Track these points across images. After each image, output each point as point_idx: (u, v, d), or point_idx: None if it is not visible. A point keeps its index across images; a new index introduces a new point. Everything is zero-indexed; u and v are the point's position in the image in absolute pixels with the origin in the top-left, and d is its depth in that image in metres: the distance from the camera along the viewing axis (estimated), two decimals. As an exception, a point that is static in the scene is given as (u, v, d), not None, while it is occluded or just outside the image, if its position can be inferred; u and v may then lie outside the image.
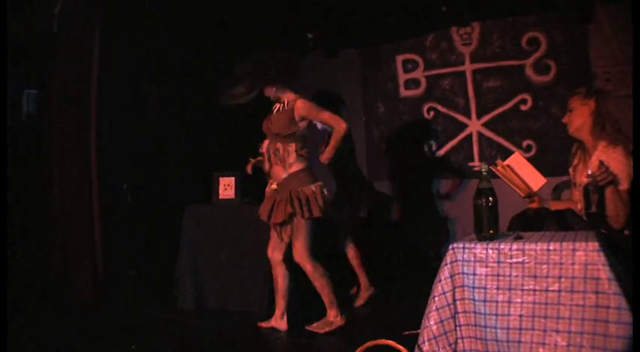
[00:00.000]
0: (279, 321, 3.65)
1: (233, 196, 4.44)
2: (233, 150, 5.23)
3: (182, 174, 5.27)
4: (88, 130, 4.40)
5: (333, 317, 3.57)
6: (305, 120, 3.56)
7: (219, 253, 4.24)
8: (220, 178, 4.49)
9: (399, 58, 6.12)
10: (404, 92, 6.12)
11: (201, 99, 5.55)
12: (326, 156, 3.53)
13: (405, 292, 4.66)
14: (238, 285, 4.13)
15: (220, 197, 4.45)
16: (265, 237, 3.97)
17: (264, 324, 3.70)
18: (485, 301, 2.28)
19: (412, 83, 6.06)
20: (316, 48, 6.29)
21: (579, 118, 2.99)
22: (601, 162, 2.67)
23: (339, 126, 3.48)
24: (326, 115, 3.53)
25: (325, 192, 3.57)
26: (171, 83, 5.27)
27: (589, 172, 2.71)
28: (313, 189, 3.49)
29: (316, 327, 3.54)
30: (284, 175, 3.53)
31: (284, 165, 3.51)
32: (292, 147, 3.52)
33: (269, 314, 3.82)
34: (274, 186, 3.59)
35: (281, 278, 3.66)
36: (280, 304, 3.66)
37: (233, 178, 4.48)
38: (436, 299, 2.35)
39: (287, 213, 3.45)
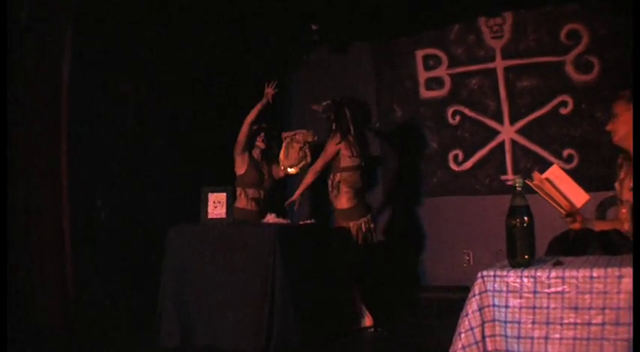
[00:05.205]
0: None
1: (224, 215, 4.45)
2: (225, 161, 5.28)
3: (166, 189, 5.30)
4: (58, 136, 4.43)
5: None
6: None
7: (209, 281, 4.25)
8: (210, 194, 4.49)
9: (419, 54, 6.16)
10: (425, 93, 6.16)
11: (187, 102, 5.58)
12: None
13: (420, 326, 4.70)
14: (231, 318, 4.14)
15: (209, 216, 4.46)
16: (261, 261, 4.01)
17: None
18: (519, 337, 2.30)
19: (434, 82, 6.10)
20: (322, 42, 6.33)
21: (625, 125, 2.99)
22: None
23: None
24: None
25: None
26: (153, 84, 5.30)
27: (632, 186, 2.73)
28: None
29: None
30: None
31: None
32: None
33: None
34: None
35: None
36: None
37: (224, 194, 4.49)
38: (462, 335, 2.37)
39: None
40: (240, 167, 5.12)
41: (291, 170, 4.91)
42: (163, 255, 4.37)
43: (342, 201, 4.77)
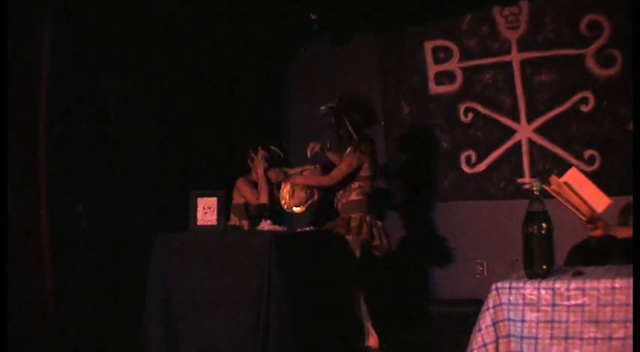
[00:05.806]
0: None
1: (215, 222, 4.45)
2: (216, 163, 5.28)
3: (151, 194, 5.31)
4: (35, 136, 4.45)
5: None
6: None
7: (198, 291, 4.25)
8: (199, 199, 4.50)
9: (428, 45, 6.17)
10: (434, 88, 6.17)
11: (178, 101, 5.58)
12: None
13: (429, 342, 4.69)
14: (222, 332, 4.13)
15: (199, 222, 4.47)
16: (255, 271, 4.02)
17: None
18: (536, 354, 2.31)
19: (445, 77, 6.11)
20: (322, 33, 6.33)
21: (647, 124, 3.01)
22: None
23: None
24: None
25: None
26: (140, 82, 5.29)
27: None
28: None
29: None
30: None
31: None
32: None
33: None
34: None
35: None
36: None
37: (215, 199, 4.49)
38: (475, 352, 2.38)
39: None
40: (239, 196, 5.11)
41: (297, 209, 4.87)
42: (149, 264, 4.38)
43: (350, 195, 4.75)
